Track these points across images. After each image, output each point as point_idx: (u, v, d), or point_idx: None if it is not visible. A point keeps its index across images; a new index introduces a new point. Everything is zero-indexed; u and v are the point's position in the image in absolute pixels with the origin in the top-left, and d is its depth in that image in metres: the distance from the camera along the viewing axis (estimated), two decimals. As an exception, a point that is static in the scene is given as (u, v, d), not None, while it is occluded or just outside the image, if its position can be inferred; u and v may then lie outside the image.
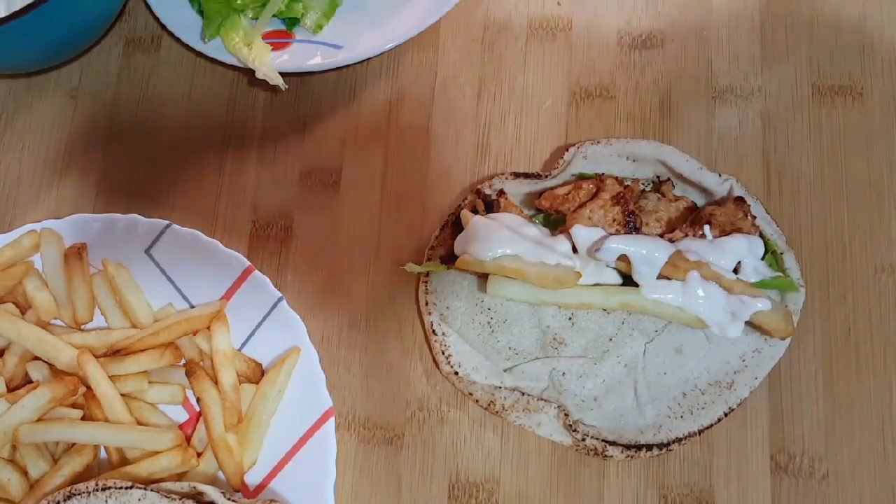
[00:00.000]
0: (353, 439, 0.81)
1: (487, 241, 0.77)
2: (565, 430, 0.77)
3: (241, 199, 0.91)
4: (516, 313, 0.81)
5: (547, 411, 0.77)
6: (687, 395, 0.78)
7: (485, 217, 0.80)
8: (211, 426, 0.77)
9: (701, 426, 0.77)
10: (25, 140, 0.95)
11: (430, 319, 0.81)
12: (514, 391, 0.78)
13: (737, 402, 0.77)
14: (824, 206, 0.85)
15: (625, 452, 0.76)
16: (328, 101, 0.94)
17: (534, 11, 0.95)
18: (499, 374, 0.79)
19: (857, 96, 0.88)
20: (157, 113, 0.95)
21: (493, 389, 0.78)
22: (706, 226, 0.79)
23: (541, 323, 0.80)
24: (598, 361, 0.79)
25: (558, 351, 0.80)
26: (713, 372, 0.78)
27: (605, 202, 0.80)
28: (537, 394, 0.78)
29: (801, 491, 0.77)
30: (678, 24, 0.93)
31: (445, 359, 0.79)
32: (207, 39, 0.91)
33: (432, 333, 0.80)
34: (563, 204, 0.82)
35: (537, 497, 0.78)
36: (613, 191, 0.80)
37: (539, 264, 0.77)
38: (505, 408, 0.78)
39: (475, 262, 0.78)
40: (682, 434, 0.76)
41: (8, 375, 0.79)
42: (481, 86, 0.93)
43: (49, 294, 0.82)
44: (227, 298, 0.83)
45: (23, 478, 0.76)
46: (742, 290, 0.76)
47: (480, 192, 0.84)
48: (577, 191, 0.82)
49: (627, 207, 0.79)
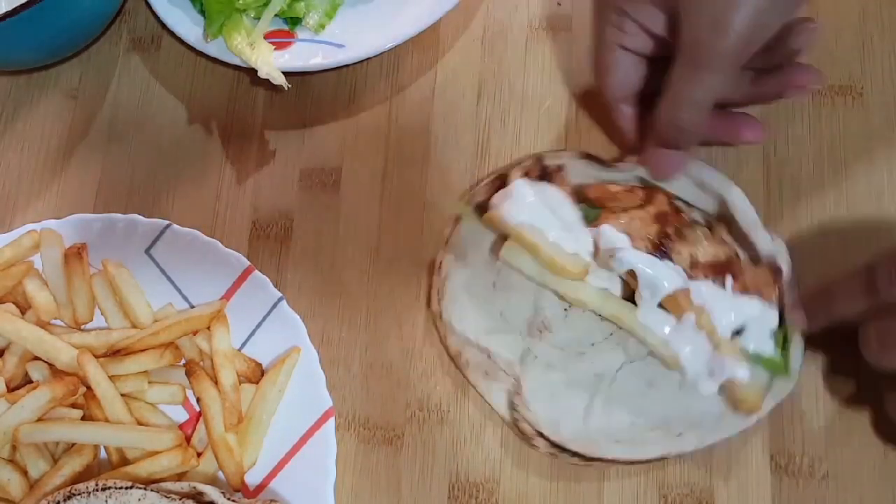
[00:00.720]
0: (353, 439, 0.81)
1: (519, 205, 0.77)
2: (508, 406, 0.78)
3: (241, 199, 0.91)
4: (521, 285, 0.81)
5: (503, 382, 0.79)
6: (634, 425, 0.77)
7: (530, 183, 0.79)
8: (211, 426, 0.77)
9: (630, 457, 0.76)
10: (25, 140, 0.95)
11: (443, 257, 0.82)
12: (484, 352, 0.79)
13: (675, 453, 0.75)
14: (824, 206, 0.85)
15: (550, 449, 0.77)
16: (328, 101, 0.94)
17: (534, 11, 0.95)
18: (478, 332, 0.80)
19: (857, 96, 0.88)
20: (157, 113, 0.95)
21: (467, 343, 0.80)
22: (729, 276, 0.76)
23: (537, 303, 0.81)
24: (571, 359, 0.79)
25: (541, 335, 0.80)
26: (669, 416, 0.77)
27: (648, 216, 0.78)
28: (503, 364, 0.79)
29: (801, 491, 0.77)
30: (678, 24, 0.92)
31: (438, 298, 0.81)
32: (210, 39, 0.91)
33: (437, 270, 0.82)
34: (609, 201, 0.80)
35: (537, 497, 0.78)
36: (660, 208, 0.78)
37: (555, 246, 0.77)
38: (469, 364, 0.80)
39: (500, 222, 0.78)
40: (608, 456, 0.75)
41: (8, 375, 0.79)
42: (481, 86, 0.93)
43: (49, 294, 0.82)
44: (227, 298, 0.83)
45: (23, 478, 0.76)
46: (729, 352, 0.74)
47: (541, 160, 0.83)
48: (629, 194, 0.80)
49: (665, 230, 0.77)
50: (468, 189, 0.86)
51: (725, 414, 0.76)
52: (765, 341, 0.75)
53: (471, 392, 0.81)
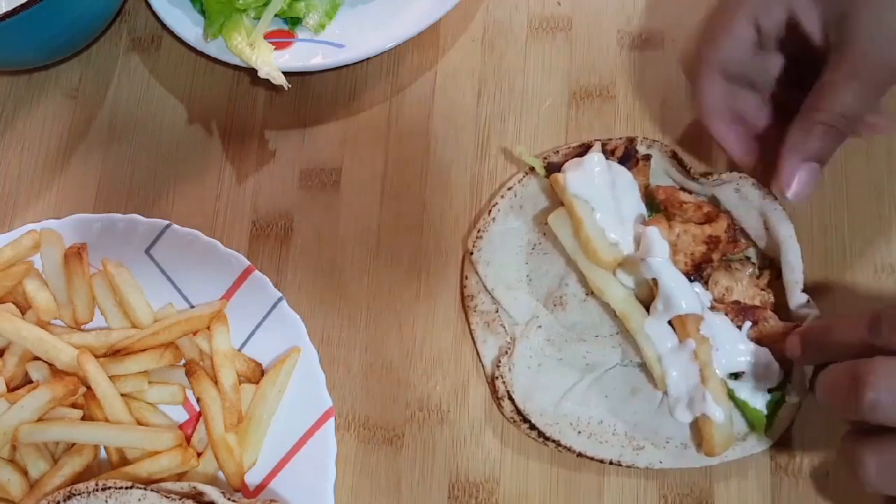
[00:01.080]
0: (353, 439, 0.81)
1: (584, 177, 0.77)
2: (493, 361, 0.80)
3: (241, 199, 0.91)
4: (556, 257, 0.82)
5: (500, 337, 0.80)
6: (603, 423, 0.77)
7: (606, 160, 0.79)
8: (211, 426, 0.77)
9: (583, 450, 0.76)
10: (25, 140, 0.95)
11: (501, 202, 0.83)
12: (496, 304, 0.81)
13: (627, 463, 0.76)
14: (824, 206, 0.85)
15: (513, 415, 0.78)
16: (328, 101, 0.94)
17: (534, 11, 0.95)
18: (498, 283, 0.81)
19: (857, 96, 0.88)
20: (157, 113, 0.95)
21: (483, 289, 0.81)
22: (748, 322, 0.75)
23: (564, 278, 0.81)
24: (571, 342, 0.80)
25: (555, 309, 0.81)
26: (638, 428, 0.77)
27: (701, 235, 0.77)
28: (506, 321, 0.81)
29: (801, 491, 0.77)
30: (678, 24, 0.93)
31: (476, 238, 0.82)
32: (210, 39, 0.91)
33: (488, 212, 0.83)
34: (673, 207, 0.79)
35: (537, 497, 0.78)
36: (715, 231, 0.77)
37: (597, 229, 0.76)
38: (476, 309, 0.81)
39: (560, 186, 0.78)
40: (563, 442, 0.76)
41: (8, 375, 0.79)
42: (481, 86, 0.93)
43: (49, 294, 0.82)
44: (227, 298, 0.83)
45: (23, 478, 0.76)
46: (714, 389, 0.73)
47: (631, 143, 0.82)
48: (695, 208, 0.79)
49: (710, 254, 0.76)
50: (548, 150, 0.86)
51: (689, 447, 0.76)
52: (758, 394, 0.75)
53: (471, 392, 0.82)
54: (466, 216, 0.88)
